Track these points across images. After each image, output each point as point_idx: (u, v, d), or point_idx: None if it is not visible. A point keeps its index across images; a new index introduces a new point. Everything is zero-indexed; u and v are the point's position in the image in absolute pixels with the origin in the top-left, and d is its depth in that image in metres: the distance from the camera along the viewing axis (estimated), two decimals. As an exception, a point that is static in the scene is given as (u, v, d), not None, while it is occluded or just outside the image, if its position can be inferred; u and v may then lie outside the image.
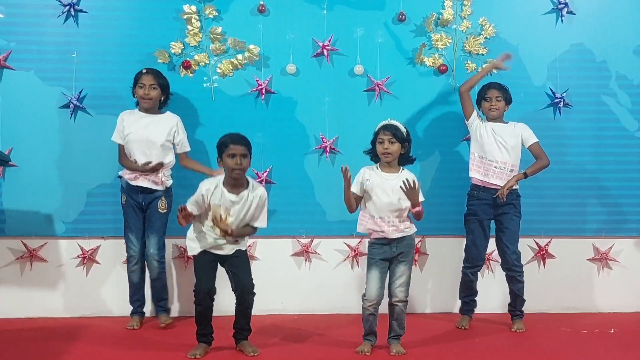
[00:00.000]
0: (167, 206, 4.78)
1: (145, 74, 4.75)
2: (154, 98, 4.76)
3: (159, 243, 4.76)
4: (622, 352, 4.42)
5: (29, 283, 5.02)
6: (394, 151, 4.25)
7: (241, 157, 4.12)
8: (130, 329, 4.73)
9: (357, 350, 4.27)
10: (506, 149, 4.80)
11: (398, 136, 4.25)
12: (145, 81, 4.74)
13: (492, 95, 4.84)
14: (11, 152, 4.96)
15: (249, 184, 4.21)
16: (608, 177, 5.34)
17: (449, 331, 4.83)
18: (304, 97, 5.19)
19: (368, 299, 4.23)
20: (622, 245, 5.37)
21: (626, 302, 5.37)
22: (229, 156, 4.12)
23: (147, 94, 4.73)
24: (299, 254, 5.22)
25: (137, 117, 4.78)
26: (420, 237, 5.26)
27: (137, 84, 4.76)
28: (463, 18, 5.24)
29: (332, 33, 5.17)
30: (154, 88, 4.75)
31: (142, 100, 4.75)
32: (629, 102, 5.36)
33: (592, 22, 5.33)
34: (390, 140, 4.25)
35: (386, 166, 4.31)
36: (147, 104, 4.75)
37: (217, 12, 5.11)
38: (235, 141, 4.15)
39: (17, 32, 4.98)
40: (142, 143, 4.72)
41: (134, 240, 4.77)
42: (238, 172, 4.13)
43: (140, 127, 4.73)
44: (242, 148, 4.14)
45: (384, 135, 4.26)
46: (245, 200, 4.17)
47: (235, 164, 4.10)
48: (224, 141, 4.17)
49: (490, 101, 4.84)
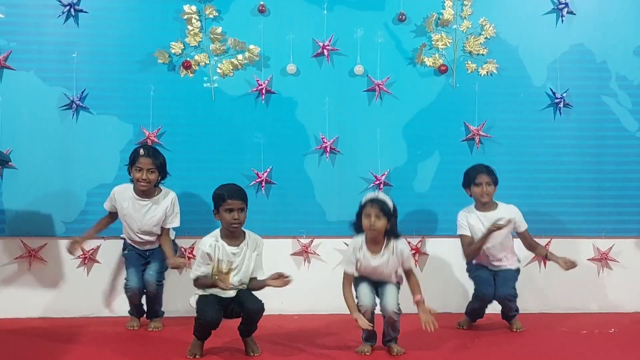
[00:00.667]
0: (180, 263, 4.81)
1: (142, 157, 4.59)
2: (152, 182, 4.64)
3: (160, 269, 4.73)
4: (622, 352, 4.42)
5: (28, 283, 5.03)
6: (379, 227, 4.12)
7: (238, 211, 4.11)
8: (130, 329, 4.73)
9: (357, 351, 4.27)
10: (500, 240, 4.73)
11: (385, 211, 4.14)
12: (142, 165, 4.59)
13: (483, 181, 4.73)
14: (11, 153, 4.96)
15: (245, 235, 4.22)
16: (608, 177, 5.34)
17: (449, 331, 4.82)
18: (304, 97, 5.19)
19: (362, 306, 4.20)
20: (623, 246, 5.37)
21: (626, 302, 5.37)
22: (226, 211, 4.11)
23: (145, 179, 4.60)
24: (298, 253, 5.22)
25: (131, 200, 4.68)
26: (420, 237, 5.27)
27: (134, 166, 4.61)
28: (463, 18, 5.24)
29: (333, 33, 5.17)
30: (152, 172, 4.62)
31: (140, 184, 4.62)
32: (629, 102, 5.35)
33: (593, 22, 5.33)
34: (376, 215, 4.12)
35: (371, 241, 4.22)
36: (145, 187, 4.63)
37: (217, 12, 5.11)
38: (232, 196, 4.12)
39: (17, 32, 4.98)
40: (135, 226, 4.70)
41: (134, 275, 4.70)
42: (235, 226, 4.14)
43: (134, 211, 4.68)
44: (239, 202, 4.13)
45: (371, 209, 4.13)
46: (245, 251, 4.19)
47: (232, 218, 4.10)
48: (221, 195, 4.13)
49: (482, 186, 4.74)
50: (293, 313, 5.19)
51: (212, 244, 4.15)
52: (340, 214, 5.14)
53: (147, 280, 4.68)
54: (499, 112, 5.26)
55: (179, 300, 5.09)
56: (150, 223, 4.70)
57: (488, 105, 5.27)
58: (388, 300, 4.22)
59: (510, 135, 5.27)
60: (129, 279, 4.73)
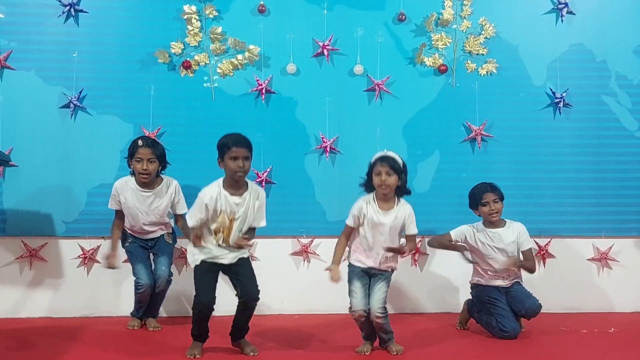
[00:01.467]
0: (173, 238, 4.85)
1: (142, 147, 4.59)
2: (153, 172, 4.64)
3: (169, 263, 4.76)
4: (621, 352, 4.42)
5: (29, 283, 5.03)
6: (391, 183, 4.14)
7: (244, 159, 4.04)
8: (131, 329, 4.73)
9: (357, 350, 4.27)
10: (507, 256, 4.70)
11: (396, 168, 4.15)
12: (142, 155, 4.59)
13: (490, 199, 4.68)
14: (11, 152, 4.96)
15: (248, 185, 4.17)
16: (608, 177, 5.35)
17: (449, 331, 4.82)
18: (304, 97, 5.20)
19: (355, 311, 4.18)
20: (622, 245, 5.37)
21: (626, 302, 5.37)
22: (231, 159, 4.02)
23: (146, 169, 4.61)
24: (298, 253, 5.22)
25: (134, 191, 4.68)
26: (420, 237, 5.26)
27: (134, 158, 4.61)
28: (463, 18, 5.24)
29: (333, 33, 5.17)
30: (152, 162, 4.62)
31: (141, 176, 4.62)
32: (628, 102, 5.36)
33: (592, 22, 5.33)
34: (387, 172, 4.14)
35: (382, 198, 4.21)
36: (146, 179, 4.63)
37: (217, 12, 5.11)
38: (237, 144, 4.05)
39: (17, 32, 4.99)
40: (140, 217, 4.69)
41: (144, 270, 4.68)
42: (240, 174, 4.06)
43: (137, 203, 4.67)
44: (244, 150, 4.05)
45: (381, 167, 4.15)
46: (248, 201, 4.13)
47: (237, 166, 4.02)
48: (226, 143, 4.05)
49: (489, 205, 4.69)
50: (293, 313, 5.19)
51: (212, 195, 4.05)
52: (340, 214, 5.12)
53: (160, 275, 4.67)
54: (499, 112, 5.26)
55: (179, 301, 5.11)
56: (157, 213, 4.70)
57: (488, 105, 5.27)
58: (373, 301, 4.17)
59: (509, 135, 5.27)
60: (140, 276, 4.66)
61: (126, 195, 4.68)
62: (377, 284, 4.22)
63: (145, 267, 4.70)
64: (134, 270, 4.73)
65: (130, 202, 4.68)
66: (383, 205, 4.21)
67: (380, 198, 4.21)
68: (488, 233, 4.72)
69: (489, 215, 4.69)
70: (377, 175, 4.17)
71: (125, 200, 4.68)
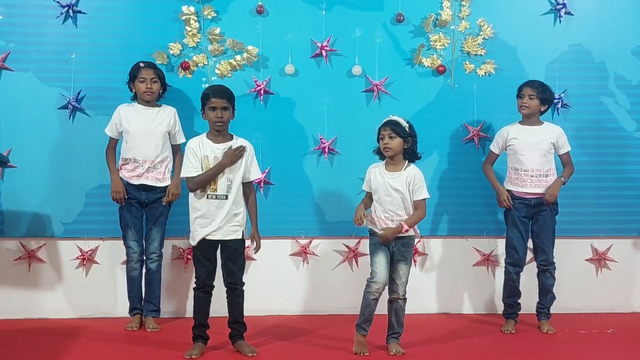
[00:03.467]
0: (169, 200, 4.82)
1: (144, 68, 4.74)
2: (156, 91, 4.77)
3: (161, 238, 4.79)
4: (620, 353, 4.43)
5: (27, 284, 5.02)
6: (394, 146, 4.26)
7: (222, 109, 4.18)
8: (130, 330, 4.71)
9: (355, 351, 4.28)
10: (540, 154, 4.78)
11: (398, 131, 4.26)
12: (145, 75, 4.73)
13: (526, 93, 4.80)
14: (10, 153, 4.95)
15: (233, 137, 4.28)
16: (606, 177, 5.35)
17: (448, 331, 4.83)
18: (303, 97, 5.20)
19: (376, 281, 4.24)
20: (621, 246, 5.37)
21: (624, 302, 5.38)
22: (210, 109, 4.19)
23: (150, 88, 4.73)
24: (297, 254, 5.22)
25: (137, 111, 4.78)
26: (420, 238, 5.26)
27: (137, 79, 4.75)
28: (461, 19, 5.24)
29: (331, 34, 5.17)
30: (155, 81, 4.76)
31: (145, 94, 4.73)
32: (627, 102, 5.36)
33: (591, 22, 5.33)
34: (390, 135, 4.27)
35: (390, 163, 4.32)
36: (150, 97, 4.75)
37: (215, 13, 5.11)
38: (216, 94, 4.20)
39: (15, 32, 4.98)
40: (145, 136, 4.71)
41: (135, 240, 4.75)
42: (219, 124, 4.19)
43: (142, 120, 4.74)
44: (222, 101, 4.19)
45: (384, 131, 4.29)
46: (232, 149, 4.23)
47: (216, 116, 4.18)
48: (206, 94, 4.24)
49: (522, 98, 4.81)
50: (292, 313, 5.19)
51: (196, 142, 4.24)
52: (339, 215, 5.14)
53: (151, 252, 4.74)
54: (497, 113, 5.25)
55: (178, 301, 5.11)
56: (159, 132, 4.73)
57: (486, 105, 5.27)
58: (398, 285, 4.29)
59: (516, 95, 5.25)
60: (130, 244, 4.74)
61: (128, 115, 4.74)
62: (399, 265, 4.30)
63: (136, 235, 4.75)
64: (124, 239, 4.76)
65: (127, 123, 4.72)
66: (390, 167, 4.32)
67: (388, 163, 4.33)
68: (519, 132, 4.83)
69: (519, 107, 4.83)
70: (381, 139, 4.31)
71: (128, 125, 4.72)
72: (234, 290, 4.27)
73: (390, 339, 4.33)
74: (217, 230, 4.20)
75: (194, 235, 4.25)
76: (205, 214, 4.20)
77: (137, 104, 4.81)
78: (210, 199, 4.19)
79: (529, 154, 4.80)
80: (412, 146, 4.32)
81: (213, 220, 4.19)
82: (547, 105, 4.87)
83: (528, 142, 4.80)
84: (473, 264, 5.30)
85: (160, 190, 4.77)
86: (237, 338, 4.29)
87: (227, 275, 4.27)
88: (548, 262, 4.84)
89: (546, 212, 4.84)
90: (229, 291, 4.29)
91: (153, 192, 4.76)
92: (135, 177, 4.73)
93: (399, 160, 4.32)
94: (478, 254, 5.30)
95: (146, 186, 4.74)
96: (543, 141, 4.80)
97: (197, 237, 4.22)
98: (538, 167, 4.81)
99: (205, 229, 4.20)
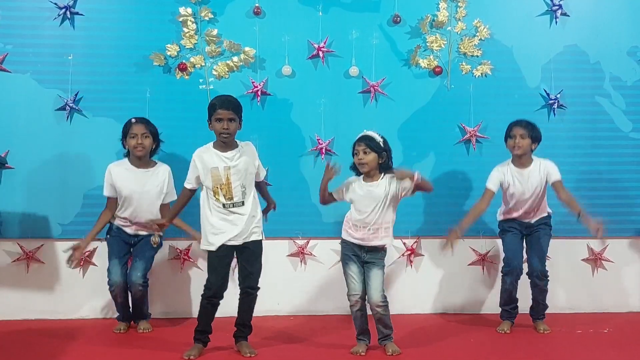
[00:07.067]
0: (159, 242, 4.81)
1: (135, 124, 4.68)
2: (147, 147, 4.71)
3: (145, 269, 4.70)
4: (616, 352, 4.44)
5: (26, 285, 5.03)
6: (369, 161, 4.26)
7: (228, 121, 4.16)
8: (118, 332, 4.71)
9: (352, 351, 4.29)
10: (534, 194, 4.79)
11: (372, 146, 4.26)
12: (136, 131, 4.67)
13: (517, 133, 4.77)
14: (7, 155, 4.97)
15: (238, 145, 4.27)
16: (602, 177, 5.37)
17: (444, 331, 4.84)
18: (300, 98, 5.21)
19: (354, 294, 4.26)
20: (617, 246, 5.38)
21: (620, 302, 5.39)
22: (217, 120, 4.17)
23: (141, 143, 4.66)
24: (294, 255, 5.24)
25: (131, 172, 4.71)
26: (416, 238, 5.29)
27: (128, 135, 4.68)
28: (458, 20, 5.26)
29: (328, 35, 5.18)
30: (146, 137, 4.69)
31: (136, 150, 4.67)
32: (622, 103, 5.38)
33: (586, 23, 5.35)
34: (364, 150, 4.27)
35: (367, 177, 4.32)
36: (142, 152, 4.68)
37: (212, 15, 5.12)
38: (222, 105, 4.18)
39: (13, 34, 4.99)
40: (139, 198, 4.69)
41: (117, 267, 4.65)
42: (225, 136, 4.18)
43: (136, 183, 4.69)
44: (229, 112, 4.17)
45: (359, 146, 4.29)
46: (239, 157, 4.22)
47: (222, 128, 4.16)
48: (213, 104, 4.21)
49: (514, 139, 4.78)
50: (289, 314, 5.20)
51: (202, 152, 4.22)
52: (336, 215, 5.14)
53: (133, 282, 4.63)
54: (494, 113, 5.27)
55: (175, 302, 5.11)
56: (153, 193, 4.70)
57: (482, 106, 5.29)
58: (372, 290, 4.24)
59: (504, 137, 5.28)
60: (111, 272, 4.66)
61: (121, 176, 4.70)
62: (371, 271, 4.27)
63: (120, 265, 4.67)
64: (108, 266, 4.71)
65: (124, 183, 4.68)
66: (367, 179, 4.34)
67: (365, 178, 4.34)
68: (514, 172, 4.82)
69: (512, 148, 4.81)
70: (355, 154, 4.32)
71: (122, 185, 4.68)
72: (249, 294, 4.25)
73: (382, 341, 4.33)
74: (239, 234, 4.18)
75: (212, 240, 4.18)
76: (224, 219, 4.17)
77: (129, 163, 4.74)
78: (229, 208, 4.17)
79: (523, 198, 4.80)
80: (386, 160, 4.32)
81: (235, 226, 4.17)
82: (537, 142, 4.85)
83: (524, 188, 4.78)
84: (469, 263, 5.32)
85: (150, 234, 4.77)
86: (240, 338, 4.30)
87: (243, 278, 4.24)
88: (541, 275, 4.82)
89: (540, 229, 4.85)
90: (243, 294, 4.26)
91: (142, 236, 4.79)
92: (127, 226, 4.75)
93: (375, 175, 4.31)
94: (474, 254, 5.31)
95: (138, 235, 4.78)
96: (538, 186, 4.79)
97: (217, 242, 4.17)
98: (532, 207, 4.83)
99: (225, 235, 4.16)
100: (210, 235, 4.19)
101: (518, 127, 4.79)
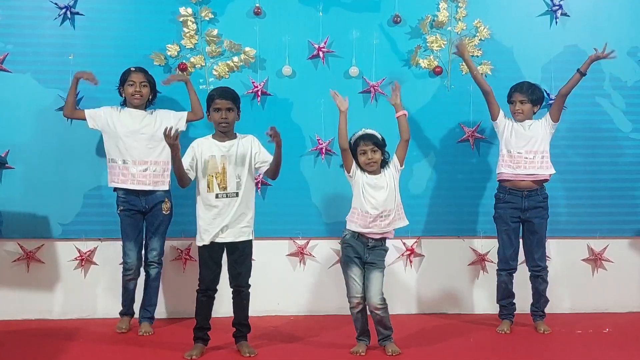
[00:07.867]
0: (170, 207, 4.78)
1: (134, 72, 4.73)
2: (145, 95, 4.76)
3: (161, 247, 4.75)
4: (616, 352, 4.45)
5: (26, 285, 5.03)
6: (378, 159, 4.29)
7: (226, 111, 4.22)
8: (120, 331, 4.70)
9: (352, 351, 4.30)
10: (536, 139, 4.78)
11: (379, 145, 4.29)
12: (135, 79, 4.71)
13: (516, 99, 4.80)
14: (8, 154, 4.97)
15: (237, 135, 4.32)
16: (602, 178, 5.37)
17: (445, 331, 4.85)
18: (300, 98, 5.21)
19: (354, 296, 4.27)
20: (617, 246, 5.39)
21: (620, 302, 5.40)
22: (215, 110, 4.24)
23: (139, 91, 4.71)
24: (294, 255, 5.24)
25: (126, 113, 4.73)
26: (416, 238, 5.29)
27: (127, 82, 4.73)
28: (458, 20, 5.26)
29: (328, 35, 5.19)
30: (144, 85, 4.74)
31: (133, 97, 4.72)
32: (622, 103, 5.39)
33: (586, 23, 5.36)
34: (372, 149, 4.28)
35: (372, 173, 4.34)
36: (139, 100, 4.73)
37: (213, 15, 5.12)
38: (220, 95, 4.26)
39: (13, 34, 4.99)
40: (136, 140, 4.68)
41: (133, 250, 4.69)
42: (224, 125, 4.23)
43: (131, 122, 4.70)
44: (227, 102, 4.24)
45: (365, 145, 4.29)
46: (237, 146, 4.26)
47: (220, 117, 4.23)
48: (211, 95, 4.30)
49: (514, 105, 4.81)
50: (289, 314, 5.20)
51: (201, 140, 4.29)
52: (336, 215, 5.14)
53: (150, 261, 4.70)
54: (494, 114, 5.27)
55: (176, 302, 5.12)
56: (148, 131, 4.68)
57: (482, 106, 5.23)
58: (372, 292, 4.24)
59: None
60: (128, 255, 4.68)
61: (115, 116, 4.71)
62: (372, 273, 4.27)
63: (136, 248, 4.70)
64: (123, 247, 4.71)
65: (118, 123, 4.68)
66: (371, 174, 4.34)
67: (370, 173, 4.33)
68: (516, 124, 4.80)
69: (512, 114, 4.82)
70: (362, 154, 4.30)
71: (114, 124, 4.68)
72: (239, 293, 4.29)
73: (382, 342, 4.33)
74: (228, 231, 4.22)
75: (204, 236, 4.24)
76: (215, 214, 4.21)
77: (127, 107, 4.77)
78: (221, 198, 4.21)
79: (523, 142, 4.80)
80: (386, 157, 4.37)
81: (223, 219, 4.20)
82: (539, 104, 4.87)
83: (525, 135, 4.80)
84: (469, 263, 5.32)
85: (159, 194, 4.72)
86: (240, 338, 4.32)
87: (233, 277, 4.29)
88: (540, 267, 4.84)
89: (537, 217, 4.82)
90: (234, 294, 4.31)
91: (152, 196, 4.72)
92: (130, 182, 4.67)
93: (378, 170, 4.34)
94: (474, 254, 5.32)
95: (144, 192, 4.70)
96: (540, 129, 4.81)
97: (207, 238, 4.23)
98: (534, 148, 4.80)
99: (216, 228, 4.21)
100: (202, 232, 4.25)
101: (517, 92, 4.81)
